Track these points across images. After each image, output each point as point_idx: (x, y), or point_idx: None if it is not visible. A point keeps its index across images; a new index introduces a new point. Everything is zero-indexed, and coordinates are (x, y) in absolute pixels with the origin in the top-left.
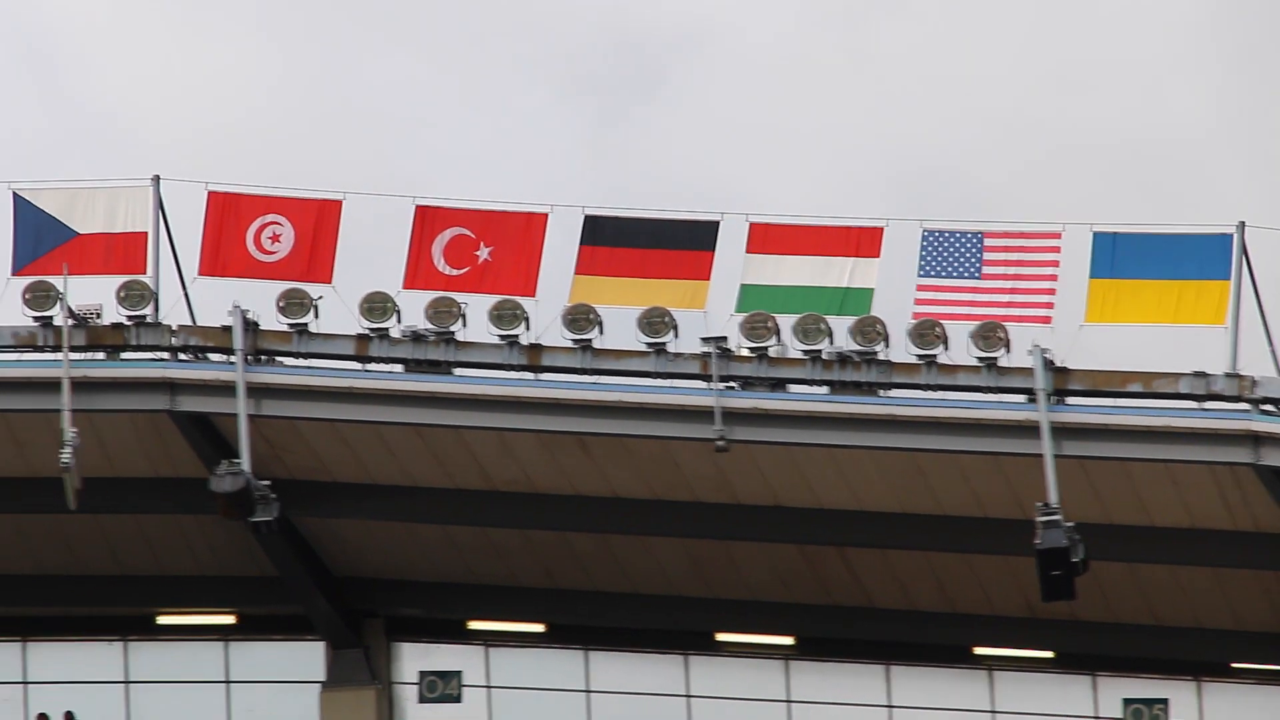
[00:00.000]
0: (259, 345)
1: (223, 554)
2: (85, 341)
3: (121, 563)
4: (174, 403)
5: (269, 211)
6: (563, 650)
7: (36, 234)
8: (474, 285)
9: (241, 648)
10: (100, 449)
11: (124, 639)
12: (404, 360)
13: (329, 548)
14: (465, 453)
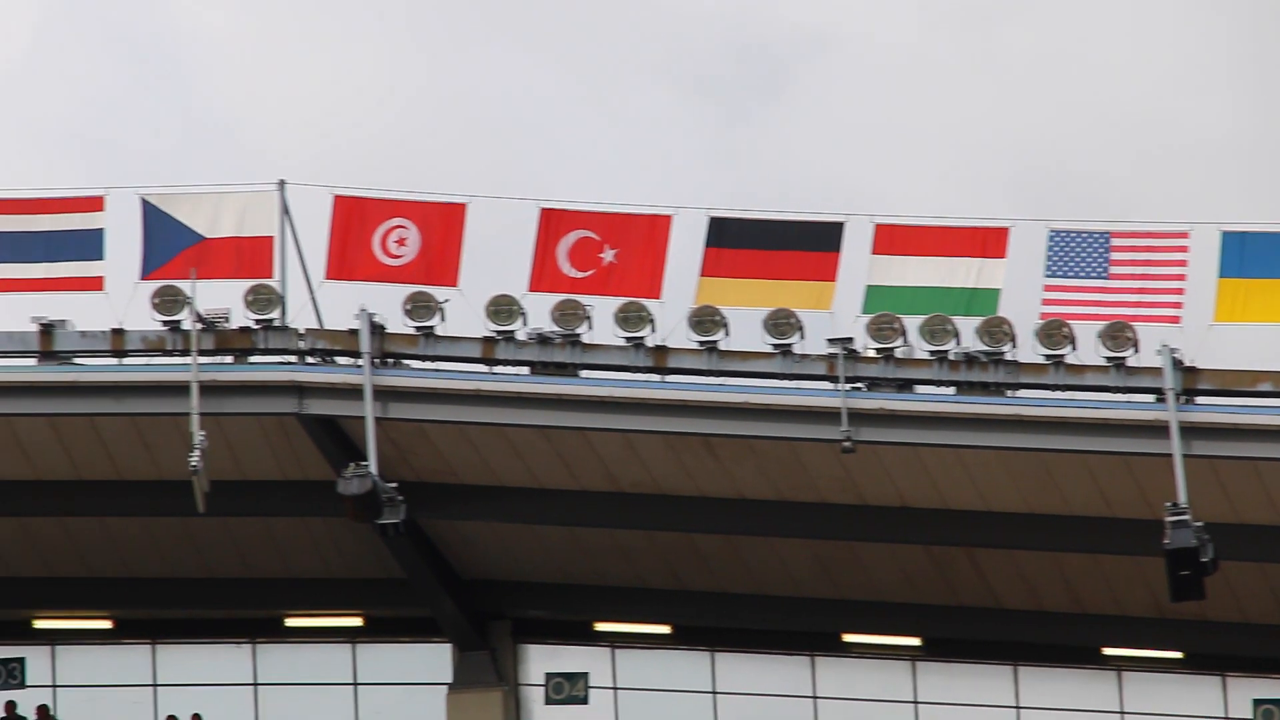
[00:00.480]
0: (386, 348)
1: (350, 556)
2: (213, 345)
3: (250, 565)
4: (302, 406)
5: (394, 215)
6: (689, 651)
7: (165, 239)
8: (599, 288)
9: (369, 650)
10: (228, 452)
11: (252, 641)
12: (530, 363)
13: (456, 550)
14: (591, 454)
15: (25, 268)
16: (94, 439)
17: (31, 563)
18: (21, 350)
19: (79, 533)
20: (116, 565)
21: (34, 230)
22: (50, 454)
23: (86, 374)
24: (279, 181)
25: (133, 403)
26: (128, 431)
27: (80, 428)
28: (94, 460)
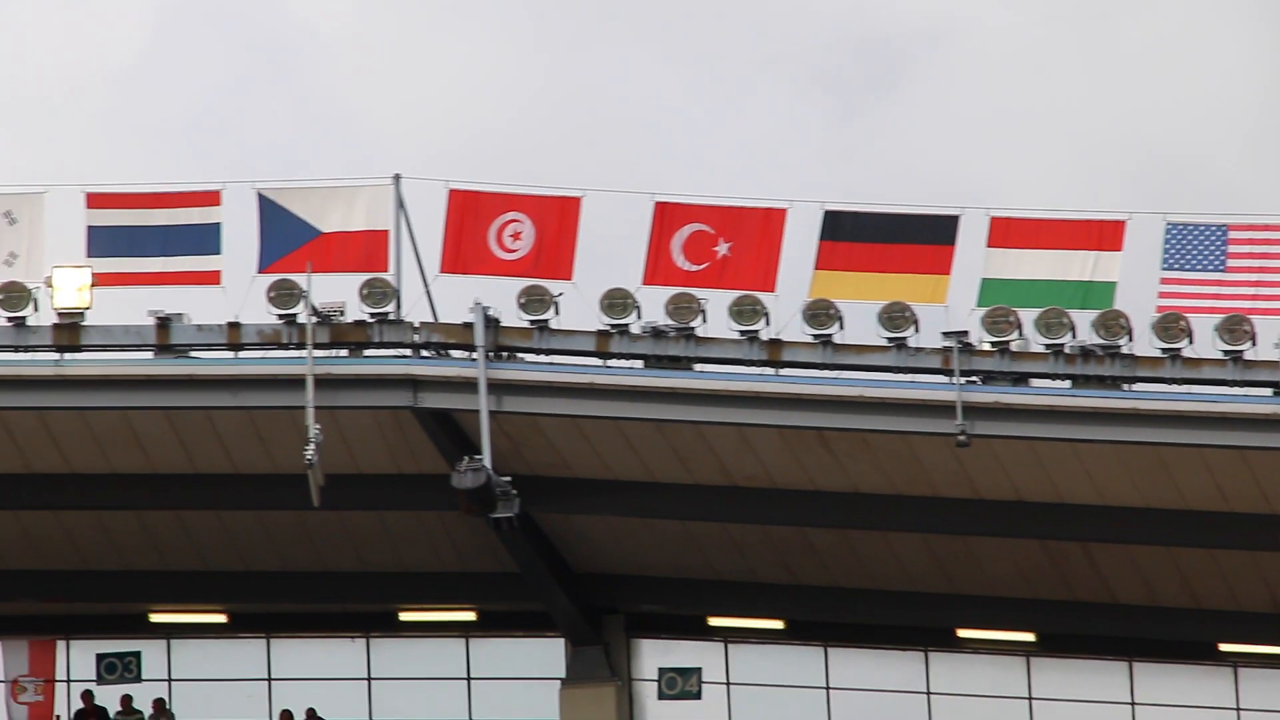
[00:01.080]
0: (500, 342)
1: (464, 550)
2: (329, 339)
3: (364, 559)
4: (416, 399)
5: (510, 209)
6: (802, 647)
7: (282, 233)
8: (713, 281)
9: (482, 644)
10: (343, 445)
11: (366, 636)
12: (644, 356)
13: (569, 544)
14: (705, 448)
15: (143, 262)
16: (210, 433)
17: (148, 556)
18: (139, 344)
19: (195, 526)
20: (232, 559)
21: (151, 225)
22: (167, 448)
23: (202, 368)
24: (395, 175)
25: (248, 396)
26: (243, 425)
27: (196, 421)
28: (210, 454)
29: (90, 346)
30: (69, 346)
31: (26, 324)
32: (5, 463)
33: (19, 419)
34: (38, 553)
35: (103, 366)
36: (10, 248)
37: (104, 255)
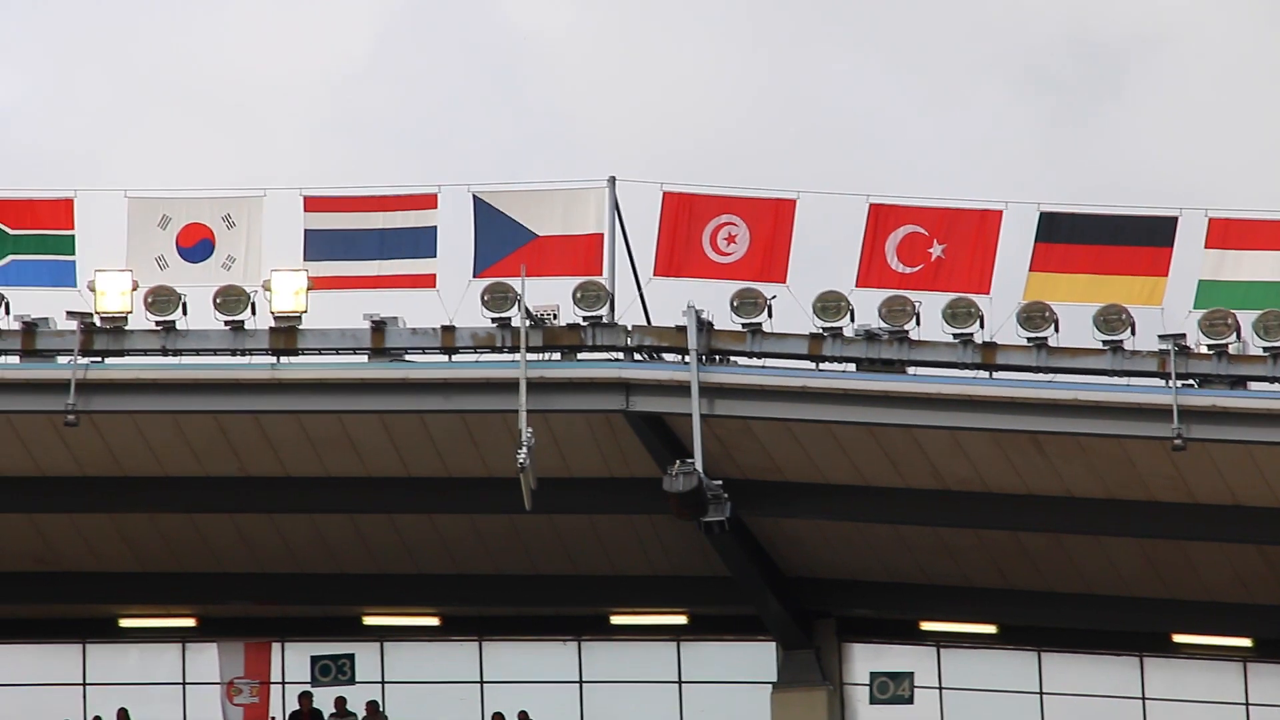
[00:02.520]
0: (713, 345)
1: (675, 554)
2: (542, 342)
3: (576, 562)
4: (629, 403)
5: (724, 212)
6: (1015, 651)
7: (497, 236)
8: (927, 283)
9: (694, 648)
10: (555, 449)
11: (578, 638)
12: (857, 359)
13: (780, 547)
14: (917, 452)
15: (359, 265)
16: (423, 436)
17: (362, 559)
18: (354, 347)
19: (408, 530)
20: (444, 562)
21: (368, 228)
22: (380, 451)
23: (417, 371)
24: (610, 178)
25: (462, 400)
26: (457, 429)
27: (410, 425)
28: (423, 458)
29: (306, 350)
30: (285, 350)
31: (244, 328)
32: (222, 465)
33: (236, 422)
34: (254, 556)
35: (318, 370)
36: (229, 251)
37: (321, 259)
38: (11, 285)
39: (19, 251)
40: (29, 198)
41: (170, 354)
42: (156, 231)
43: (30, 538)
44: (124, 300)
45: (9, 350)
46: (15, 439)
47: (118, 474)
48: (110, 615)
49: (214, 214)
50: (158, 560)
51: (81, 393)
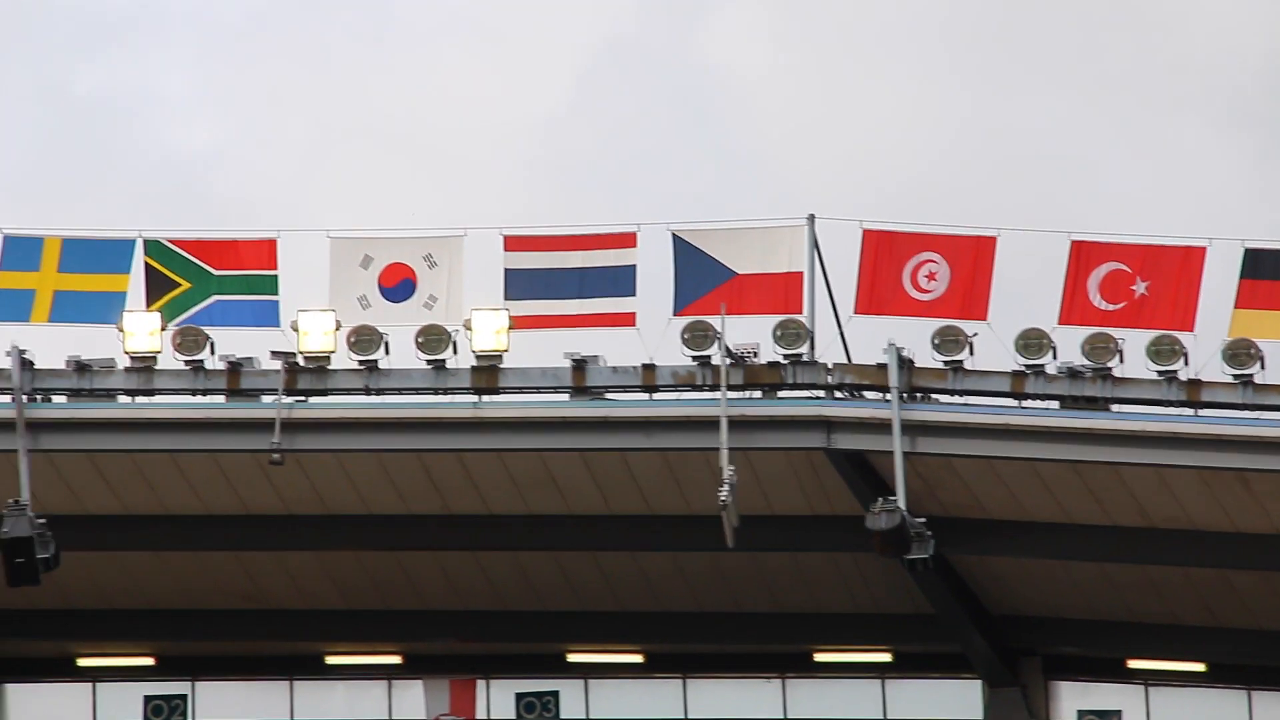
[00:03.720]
0: (914, 383)
1: (878, 591)
2: (743, 380)
3: (779, 600)
4: (830, 440)
5: (925, 249)
6: (1225, 690)
7: (697, 275)
8: (1130, 320)
9: (898, 685)
10: (757, 486)
11: (782, 676)
12: (1060, 397)
13: (985, 585)
14: (1123, 489)
15: (559, 304)
16: (625, 474)
17: (565, 597)
18: (555, 385)
19: (611, 567)
20: (647, 599)
21: (568, 267)
22: (583, 489)
23: (618, 409)
24: (809, 216)
25: (663, 438)
26: (658, 467)
27: (612, 463)
28: (625, 495)
29: (508, 389)
30: (487, 389)
31: (446, 366)
32: (425, 504)
33: (439, 460)
34: (458, 593)
35: (520, 409)
36: (430, 290)
37: (521, 298)
38: (216, 325)
39: (224, 292)
40: (233, 239)
41: (373, 393)
42: (359, 271)
43: (237, 576)
44: (327, 340)
45: (214, 390)
46: (221, 478)
47: (322, 512)
48: (317, 652)
49: (415, 254)
50: (363, 598)
51: (286, 432)
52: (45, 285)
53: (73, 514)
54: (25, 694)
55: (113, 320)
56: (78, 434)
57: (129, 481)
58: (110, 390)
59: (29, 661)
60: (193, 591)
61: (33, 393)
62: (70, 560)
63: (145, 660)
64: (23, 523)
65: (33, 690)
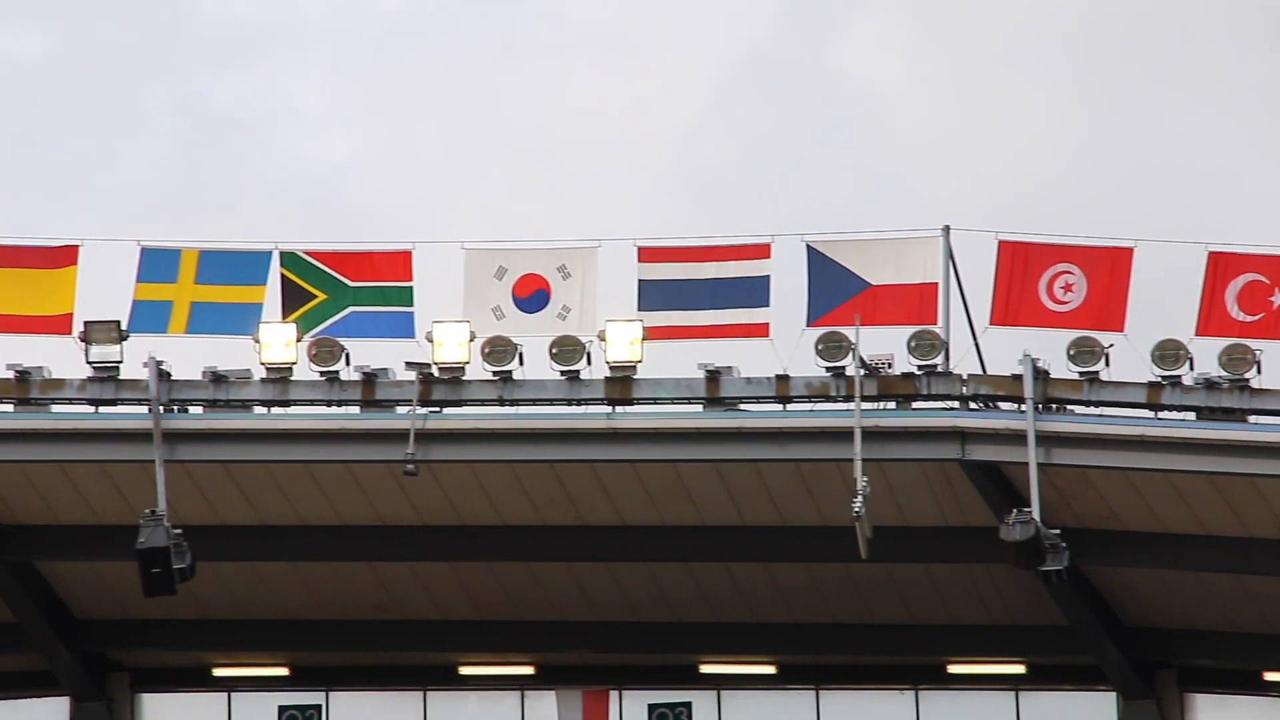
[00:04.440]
0: (1049, 394)
1: (1012, 603)
2: (877, 391)
3: (912, 611)
4: (964, 451)
5: (1061, 260)
6: None
7: (830, 285)
8: (1268, 332)
9: (1033, 697)
10: (891, 498)
11: (915, 688)
12: (1196, 408)
13: (1120, 597)
14: (1260, 501)
15: (692, 315)
16: (758, 485)
17: (698, 608)
18: (689, 396)
19: (744, 578)
20: (780, 610)
21: (701, 278)
22: (716, 500)
23: (752, 420)
24: (944, 227)
25: (797, 449)
26: (792, 477)
27: (745, 473)
28: (758, 506)
29: (641, 400)
30: (621, 400)
31: (580, 377)
32: (559, 515)
33: (572, 471)
34: (591, 604)
35: (654, 419)
36: (564, 301)
37: (655, 309)
38: (352, 336)
39: (359, 303)
40: (368, 250)
41: (507, 404)
42: (493, 282)
43: (372, 586)
44: (461, 351)
45: (349, 401)
46: (357, 488)
47: (456, 523)
48: (450, 663)
49: (549, 265)
50: (496, 608)
51: (421, 442)
52: (182, 297)
53: (208, 524)
54: (161, 703)
55: (249, 332)
56: (214, 445)
57: (264, 492)
58: (246, 401)
59: (165, 671)
60: (327, 602)
61: (169, 404)
62: (206, 570)
63: (280, 670)
64: (159, 533)
65: (169, 700)
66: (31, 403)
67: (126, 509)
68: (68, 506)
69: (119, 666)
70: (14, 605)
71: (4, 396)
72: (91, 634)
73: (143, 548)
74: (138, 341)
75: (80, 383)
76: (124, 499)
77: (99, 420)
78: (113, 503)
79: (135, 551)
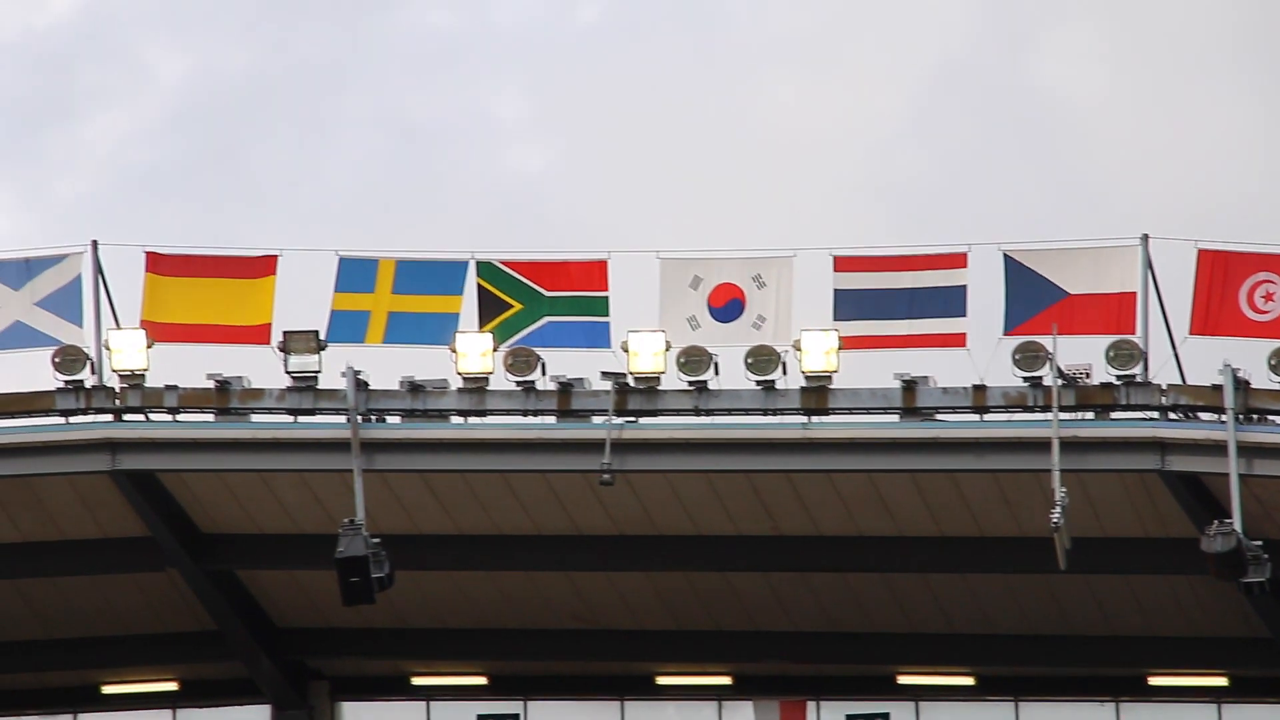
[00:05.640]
0: (1250, 404)
1: (1214, 615)
2: (1074, 401)
3: (1111, 623)
4: (1164, 462)
5: (1262, 269)
6: None
7: (1028, 295)
8: None
9: (1235, 710)
10: (1089, 508)
11: (1115, 700)
12: None
13: None
14: None
15: (888, 324)
16: (955, 495)
17: (895, 618)
18: (884, 406)
19: (941, 589)
20: (977, 622)
21: (897, 287)
22: (912, 510)
23: (948, 430)
24: (1142, 236)
25: (994, 459)
26: (989, 488)
27: (942, 484)
28: (955, 516)
29: (837, 409)
30: (817, 409)
31: (775, 387)
32: (754, 524)
33: (768, 481)
34: (787, 614)
35: (850, 429)
36: (759, 311)
37: (850, 318)
38: (548, 346)
39: (554, 313)
40: (564, 260)
41: (702, 414)
42: (688, 292)
43: (568, 595)
44: (657, 360)
45: (545, 410)
46: (553, 498)
47: (652, 533)
48: (647, 672)
49: (745, 274)
50: (693, 618)
51: (616, 452)
52: (380, 307)
53: (406, 533)
54: (361, 711)
55: (445, 341)
56: (411, 454)
57: (461, 501)
58: (443, 411)
59: (364, 680)
60: (524, 611)
61: (367, 413)
62: (404, 579)
63: (478, 679)
64: (358, 542)
65: (368, 708)
66: (231, 412)
67: (325, 518)
68: (268, 515)
69: (319, 675)
70: (216, 613)
71: (204, 406)
72: (292, 642)
73: (342, 557)
74: (336, 351)
75: (279, 392)
76: (323, 508)
77: (298, 430)
78: (312, 512)
79: (334, 560)
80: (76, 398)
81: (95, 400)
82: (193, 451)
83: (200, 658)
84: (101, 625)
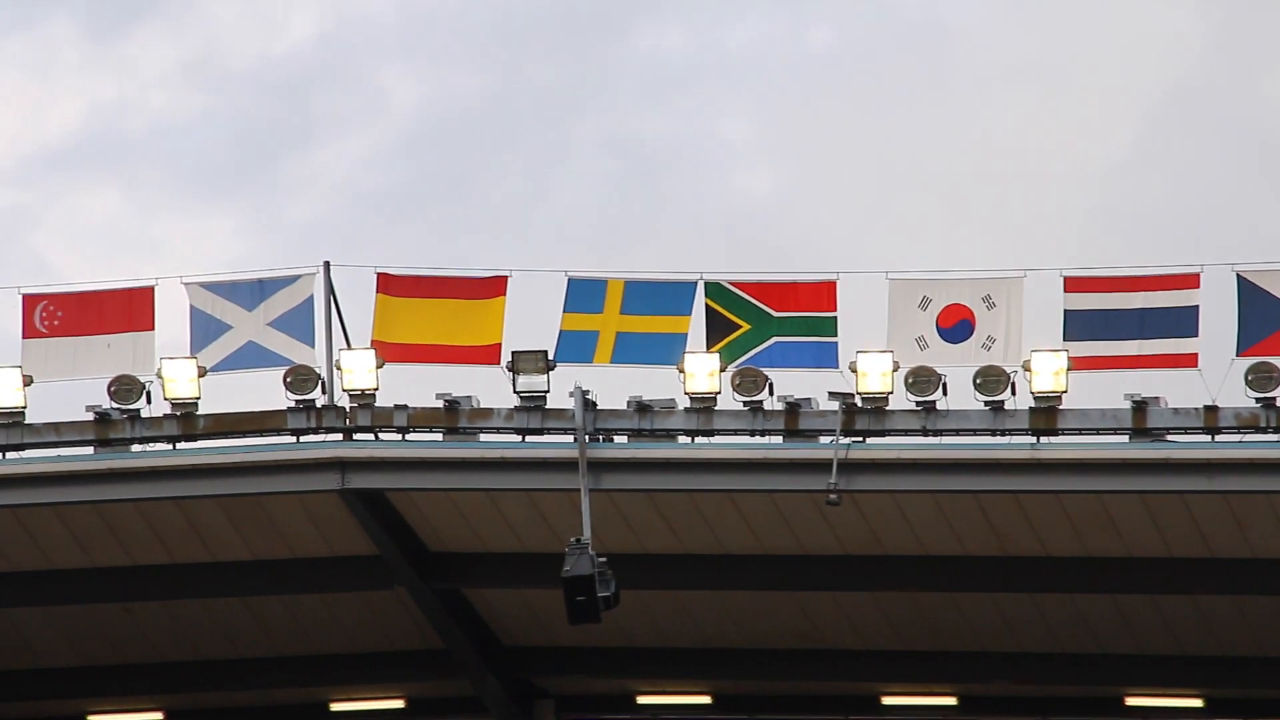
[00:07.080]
0: None
1: None
2: None
3: None
4: None
5: None
6: None
7: (1261, 315)
8: None
9: None
10: None
11: None
12: None
13: None
14: None
15: (1118, 345)
16: (1185, 516)
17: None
18: (1114, 427)
19: (1170, 610)
20: (1207, 643)
21: (1128, 308)
22: (1142, 531)
23: (1179, 451)
24: None
25: (1225, 481)
26: (1220, 509)
27: (1172, 505)
28: (1185, 538)
29: (1066, 430)
30: (1046, 430)
31: (1004, 408)
32: (981, 545)
33: (995, 502)
34: (1013, 635)
35: (1079, 450)
36: (988, 332)
37: (1080, 339)
38: (775, 366)
39: (782, 333)
40: (793, 280)
41: (930, 434)
42: (917, 312)
43: (794, 615)
44: (885, 381)
45: (773, 430)
46: (780, 518)
47: (878, 553)
48: (873, 692)
49: (974, 295)
50: (918, 639)
51: (843, 472)
52: (608, 327)
53: (632, 553)
54: None
55: (673, 361)
56: (638, 474)
57: (687, 521)
58: (670, 431)
59: (590, 698)
60: (749, 630)
61: (595, 433)
62: (630, 598)
63: (703, 698)
64: (584, 561)
65: None
66: (460, 432)
67: (552, 537)
68: (494, 534)
69: (545, 693)
70: (443, 632)
71: (433, 426)
72: (518, 661)
73: (568, 575)
74: (564, 371)
75: (508, 412)
76: (549, 527)
77: (525, 450)
78: (538, 531)
79: (561, 579)
80: (307, 417)
81: (326, 420)
82: (421, 471)
83: (427, 676)
84: (330, 643)
